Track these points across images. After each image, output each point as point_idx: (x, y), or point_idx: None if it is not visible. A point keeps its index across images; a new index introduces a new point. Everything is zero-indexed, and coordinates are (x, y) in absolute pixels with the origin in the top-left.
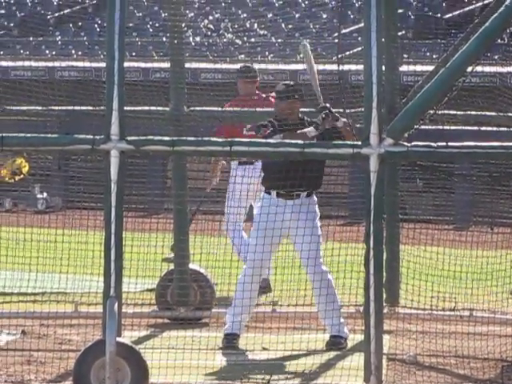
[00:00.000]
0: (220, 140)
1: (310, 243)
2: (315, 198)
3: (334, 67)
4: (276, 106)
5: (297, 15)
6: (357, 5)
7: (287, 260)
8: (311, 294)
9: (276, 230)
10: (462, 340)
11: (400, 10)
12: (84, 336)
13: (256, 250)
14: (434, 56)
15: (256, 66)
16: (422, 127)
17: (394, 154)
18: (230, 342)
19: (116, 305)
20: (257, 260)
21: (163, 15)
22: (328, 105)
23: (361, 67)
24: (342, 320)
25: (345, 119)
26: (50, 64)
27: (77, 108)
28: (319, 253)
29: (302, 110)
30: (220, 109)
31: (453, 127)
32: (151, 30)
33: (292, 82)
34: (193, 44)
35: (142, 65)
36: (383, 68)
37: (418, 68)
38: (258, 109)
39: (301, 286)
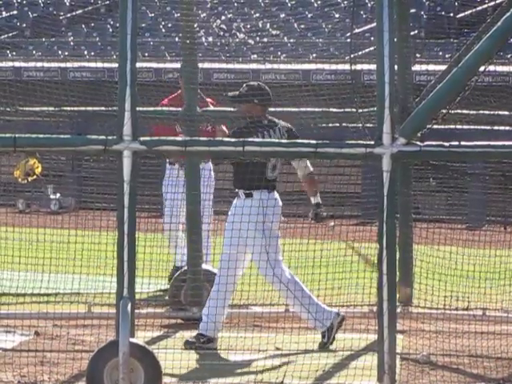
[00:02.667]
0: (233, 140)
1: (263, 246)
2: (275, 195)
3: (347, 67)
4: (237, 108)
5: (309, 15)
6: (369, 4)
7: (300, 260)
8: (324, 294)
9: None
10: (475, 339)
11: (412, 10)
12: (97, 337)
13: (229, 249)
14: (447, 55)
15: (268, 66)
16: (435, 127)
17: (407, 153)
18: (199, 343)
19: (129, 305)
20: (230, 260)
21: (176, 15)
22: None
23: (373, 67)
24: (322, 310)
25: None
26: (63, 65)
27: (89, 109)
28: (272, 255)
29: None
30: (232, 109)
31: (465, 126)
32: (164, 30)
33: (256, 83)
34: (205, 44)
35: (155, 65)
36: (396, 67)
37: (431, 67)
38: None
39: (314, 286)
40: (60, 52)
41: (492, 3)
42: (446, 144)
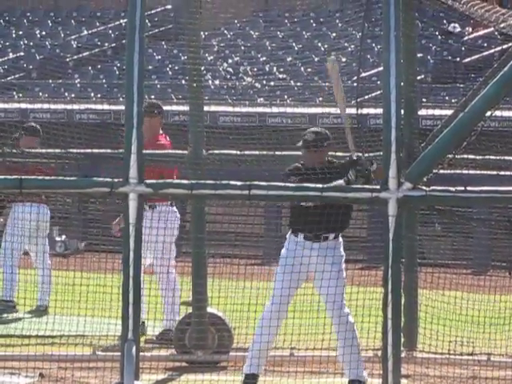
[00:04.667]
0: (239, 183)
1: (336, 286)
2: (341, 239)
3: (353, 111)
4: (304, 156)
5: (316, 59)
6: (376, 49)
7: (305, 304)
8: (329, 338)
9: (301, 273)
10: None
11: (419, 54)
12: (102, 379)
13: (281, 292)
14: (453, 100)
15: (275, 110)
16: (441, 171)
17: (413, 198)
18: (250, 383)
19: (134, 348)
20: (282, 303)
21: (183, 58)
22: (360, 155)
23: (380, 111)
24: (361, 363)
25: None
26: (69, 106)
27: (95, 151)
28: (343, 295)
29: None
30: (239, 152)
31: (471, 171)
32: (170, 72)
33: (320, 129)
34: (212, 87)
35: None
36: (402, 112)
37: (437, 112)
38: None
39: (318, 330)
40: (66, 94)
41: (499, 48)
42: (452, 189)
